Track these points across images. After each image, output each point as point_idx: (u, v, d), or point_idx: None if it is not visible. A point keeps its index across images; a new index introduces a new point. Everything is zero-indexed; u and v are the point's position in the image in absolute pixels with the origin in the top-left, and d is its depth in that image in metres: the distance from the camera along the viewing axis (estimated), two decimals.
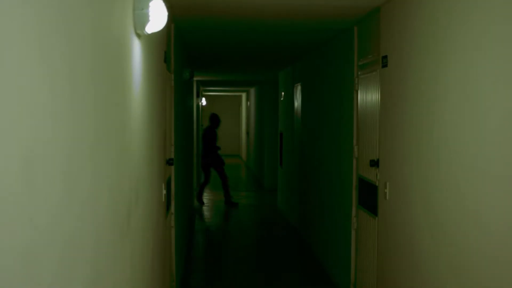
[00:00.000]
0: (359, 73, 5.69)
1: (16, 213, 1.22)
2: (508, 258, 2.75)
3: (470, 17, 3.20)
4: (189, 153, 10.04)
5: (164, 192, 4.61)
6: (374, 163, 5.03)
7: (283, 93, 11.62)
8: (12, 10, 1.21)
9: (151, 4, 2.96)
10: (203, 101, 19.72)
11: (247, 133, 22.55)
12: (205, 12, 5.43)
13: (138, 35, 3.02)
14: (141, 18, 2.93)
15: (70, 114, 1.62)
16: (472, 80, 3.16)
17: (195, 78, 13.23)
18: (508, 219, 2.76)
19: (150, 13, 2.94)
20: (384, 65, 4.77)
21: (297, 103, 9.69)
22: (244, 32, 6.79)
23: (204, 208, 12.39)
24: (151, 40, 3.63)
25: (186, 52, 8.31)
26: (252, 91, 19.78)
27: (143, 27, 2.96)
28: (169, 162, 5.19)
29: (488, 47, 2.99)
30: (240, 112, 26.88)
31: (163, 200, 4.62)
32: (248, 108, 22.33)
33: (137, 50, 2.98)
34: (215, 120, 12.60)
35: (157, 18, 3.01)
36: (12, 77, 1.20)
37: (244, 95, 24.32)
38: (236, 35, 7.06)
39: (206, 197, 13.72)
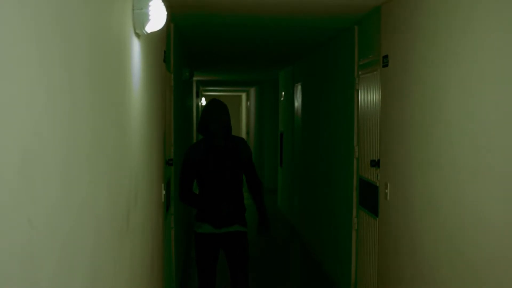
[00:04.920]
0: (359, 72, 5.67)
1: (14, 214, 1.21)
2: (510, 258, 2.74)
3: (472, 16, 3.18)
4: None
5: (163, 192, 4.59)
6: (375, 163, 5.01)
7: (283, 93, 11.60)
8: (9, 9, 1.19)
9: (150, 3, 2.94)
10: (203, 101, 19.70)
11: (247, 133, 22.53)
12: (204, 11, 5.41)
13: (138, 35, 3.01)
14: (141, 18, 2.92)
15: (68, 114, 1.61)
16: (473, 80, 3.14)
17: (194, 78, 13.21)
18: (509, 219, 2.74)
19: (149, 13, 2.93)
20: (385, 64, 4.75)
21: (298, 103, 9.67)
22: (244, 32, 6.77)
23: None
24: (150, 40, 3.61)
25: (185, 52, 8.29)
26: (252, 91, 19.77)
27: (143, 27, 2.95)
28: (168, 162, 5.17)
29: (490, 47, 2.98)
30: (240, 112, 26.87)
31: (163, 201, 4.60)
32: (248, 108, 22.32)
33: (136, 50, 2.97)
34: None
35: (157, 17, 3.00)
36: (9, 76, 1.19)
37: (244, 95, 24.31)
38: (235, 35, 7.04)
39: None
